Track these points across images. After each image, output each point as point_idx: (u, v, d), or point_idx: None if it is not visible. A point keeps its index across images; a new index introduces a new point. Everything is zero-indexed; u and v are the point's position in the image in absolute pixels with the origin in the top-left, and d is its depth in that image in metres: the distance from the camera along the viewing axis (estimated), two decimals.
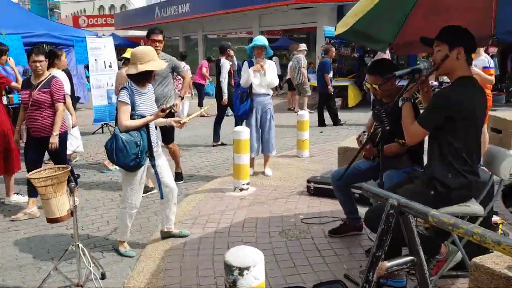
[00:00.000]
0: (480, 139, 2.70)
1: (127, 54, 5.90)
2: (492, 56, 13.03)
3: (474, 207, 2.67)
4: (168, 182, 3.96)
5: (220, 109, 8.64)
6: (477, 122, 2.65)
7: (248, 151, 5.53)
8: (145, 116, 3.70)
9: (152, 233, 4.42)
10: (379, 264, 1.85)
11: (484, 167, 3.09)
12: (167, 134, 5.71)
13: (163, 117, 3.83)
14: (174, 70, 5.74)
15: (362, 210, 4.05)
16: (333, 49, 11.42)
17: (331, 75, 10.68)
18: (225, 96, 8.43)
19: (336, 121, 10.67)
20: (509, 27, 3.85)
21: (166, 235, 4.14)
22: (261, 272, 2.12)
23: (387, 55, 7.03)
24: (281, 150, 7.64)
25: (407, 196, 2.68)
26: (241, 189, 5.45)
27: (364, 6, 2.74)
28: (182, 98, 5.91)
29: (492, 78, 5.81)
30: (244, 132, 5.47)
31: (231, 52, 8.21)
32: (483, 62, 5.80)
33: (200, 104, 12.84)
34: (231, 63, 8.34)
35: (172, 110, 4.07)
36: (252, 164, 6.12)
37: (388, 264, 1.89)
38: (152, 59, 3.73)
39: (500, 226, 3.78)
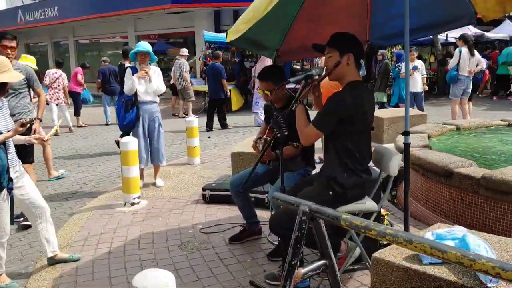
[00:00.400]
0: (370, 139, 2.87)
1: None
2: None
3: (368, 204, 2.83)
4: (38, 202, 3.60)
5: None
6: (367, 123, 2.81)
7: (137, 163, 5.29)
8: (1, 133, 3.31)
9: (37, 260, 3.99)
10: (295, 272, 1.85)
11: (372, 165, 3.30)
12: (25, 153, 4.65)
13: (21, 134, 3.47)
14: (28, 83, 4.97)
15: (259, 213, 4.10)
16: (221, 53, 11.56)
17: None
18: None
19: (224, 125, 10.82)
20: (381, 33, 4.18)
21: (54, 261, 3.76)
22: None
23: (270, 60, 7.19)
24: (170, 159, 7.45)
25: (307, 199, 2.76)
26: (132, 204, 5.18)
27: (257, 14, 2.75)
28: (41, 120, 5.23)
29: None
30: (131, 142, 5.22)
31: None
32: None
33: (77, 113, 12.05)
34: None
35: (32, 125, 3.70)
36: (141, 176, 5.86)
37: (303, 270, 1.90)
38: (7, 70, 3.32)
39: (386, 217, 4.08)
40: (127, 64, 8.19)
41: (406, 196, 3.40)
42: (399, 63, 10.81)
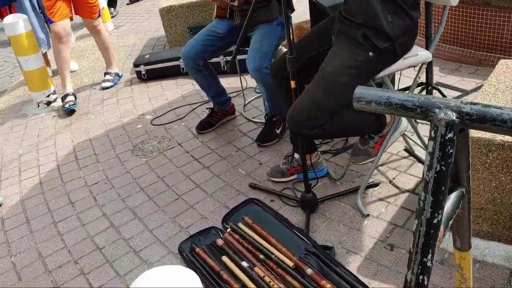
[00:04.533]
0: None
1: None
2: None
3: (421, 53, 1.90)
4: None
5: None
6: None
7: (37, 48, 3.87)
8: None
9: None
10: (439, 232, 0.98)
11: None
12: None
13: None
14: None
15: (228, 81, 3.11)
16: None
17: None
18: None
19: None
20: None
21: None
22: None
23: None
24: (75, 31, 5.90)
25: (333, 74, 1.79)
26: (49, 103, 3.92)
27: None
28: None
29: None
30: (19, 22, 3.70)
31: None
32: None
33: None
34: None
35: None
36: (47, 62, 4.45)
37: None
38: None
39: None
40: None
41: None
42: None
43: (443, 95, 2.79)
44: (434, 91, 2.77)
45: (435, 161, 0.92)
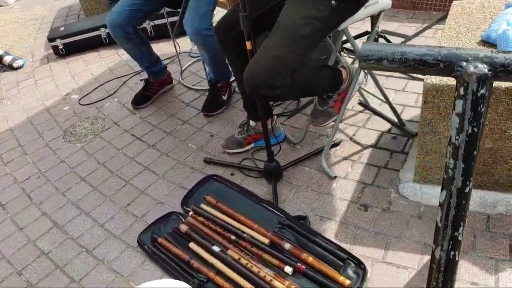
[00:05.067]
0: None
1: None
2: None
3: (382, 0, 1.77)
4: None
5: None
6: None
7: None
8: None
9: None
10: (469, 202, 0.86)
11: None
12: None
13: None
14: None
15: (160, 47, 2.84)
16: None
17: None
18: None
19: None
20: None
21: None
22: None
23: None
24: None
25: (293, 26, 1.61)
26: None
27: None
28: None
29: None
30: None
31: None
32: None
33: None
34: None
35: None
36: None
37: None
38: None
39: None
40: None
41: None
42: None
43: (389, 42, 2.72)
44: (380, 39, 2.69)
45: (466, 123, 0.79)
